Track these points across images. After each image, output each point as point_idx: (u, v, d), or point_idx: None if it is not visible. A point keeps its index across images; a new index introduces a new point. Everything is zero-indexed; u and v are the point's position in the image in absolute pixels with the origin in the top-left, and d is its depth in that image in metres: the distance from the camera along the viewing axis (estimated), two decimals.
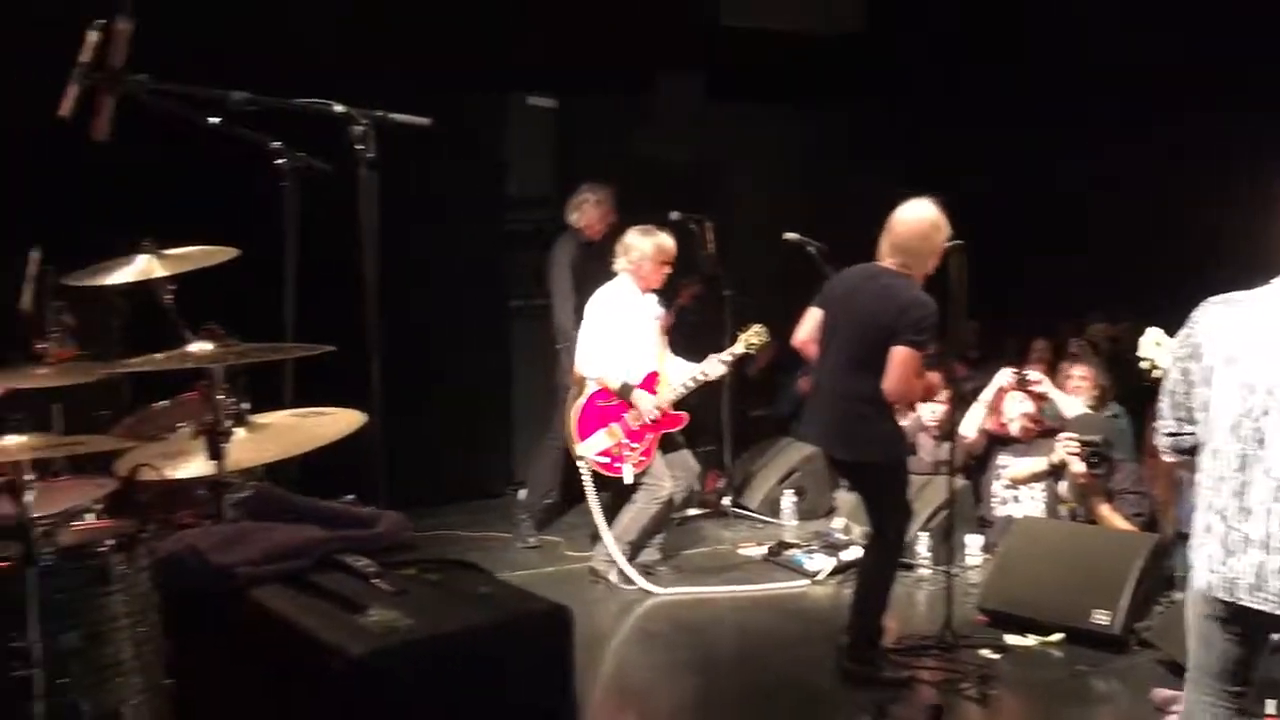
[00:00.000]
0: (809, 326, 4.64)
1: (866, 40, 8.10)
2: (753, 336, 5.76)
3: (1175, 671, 4.45)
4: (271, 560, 2.08)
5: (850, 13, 8.05)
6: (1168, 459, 3.09)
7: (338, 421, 3.25)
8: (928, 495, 5.76)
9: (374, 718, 1.81)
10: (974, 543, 5.81)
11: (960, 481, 6.01)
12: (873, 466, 4.48)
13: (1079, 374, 6.13)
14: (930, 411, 6.26)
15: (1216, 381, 2.83)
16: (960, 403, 5.68)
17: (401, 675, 1.80)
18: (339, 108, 3.19)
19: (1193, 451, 2.95)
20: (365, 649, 1.78)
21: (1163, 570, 4.96)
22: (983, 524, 6.00)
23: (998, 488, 6.00)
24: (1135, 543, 5.02)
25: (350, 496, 2.83)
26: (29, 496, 2.72)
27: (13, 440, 2.72)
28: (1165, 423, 2.99)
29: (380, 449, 3.15)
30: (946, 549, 5.41)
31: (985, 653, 4.72)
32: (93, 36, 3.09)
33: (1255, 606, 2.73)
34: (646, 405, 5.54)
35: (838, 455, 4.66)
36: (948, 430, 5.39)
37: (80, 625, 2.82)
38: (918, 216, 4.38)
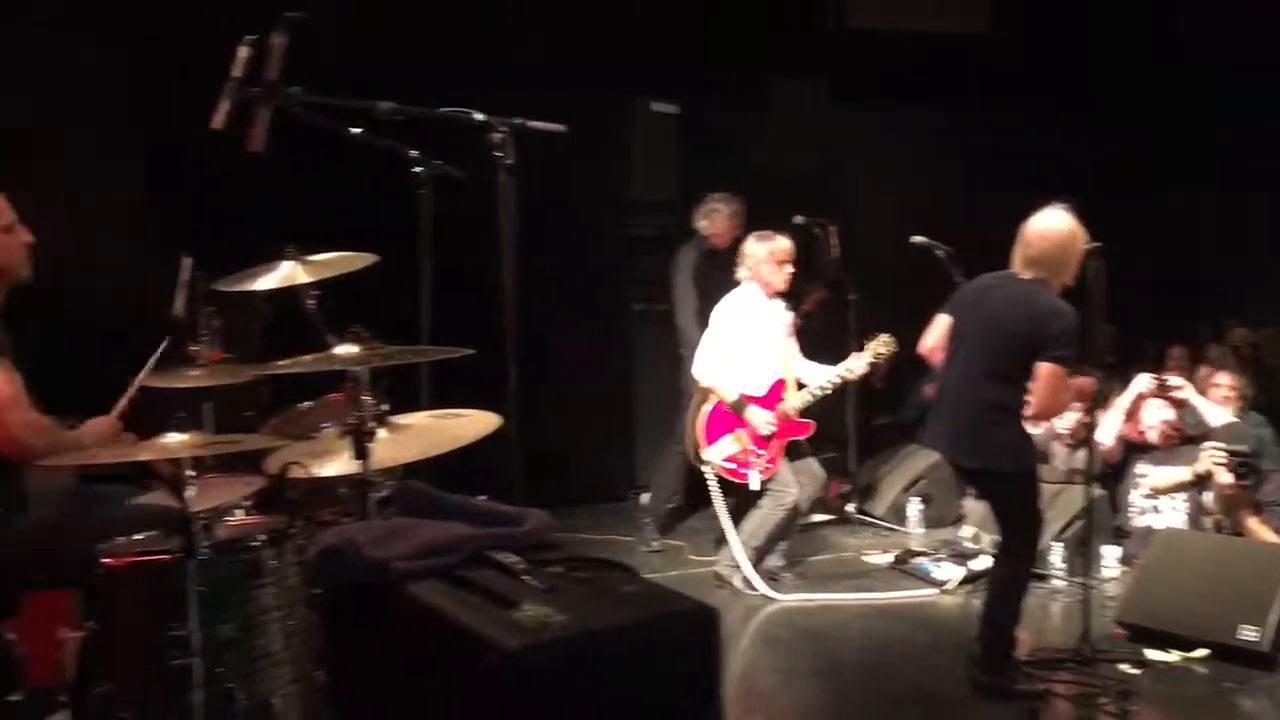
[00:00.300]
0: (936, 334, 4.56)
1: (993, 40, 7.95)
2: (880, 346, 5.68)
3: None
4: (424, 555, 2.14)
5: (976, 12, 7.90)
6: None
7: (475, 423, 3.32)
8: (1062, 504, 5.61)
9: (527, 711, 1.84)
10: (1110, 554, 5.63)
11: (1096, 491, 5.85)
12: (1001, 475, 4.37)
13: (1226, 382, 5.91)
14: (1064, 418, 6.10)
15: None
16: (1096, 409, 5.52)
17: (555, 670, 1.83)
18: (479, 116, 3.27)
19: None
20: (520, 643, 1.82)
21: None
22: (1119, 535, 5.82)
23: (1136, 497, 5.82)
24: None
25: (483, 497, 2.89)
26: (190, 492, 2.85)
27: (176, 438, 2.85)
28: None
29: (518, 451, 3.21)
30: (1082, 560, 5.26)
31: (1125, 668, 4.56)
32: (243, 52, 3.22)
33: None
34: (760, 420, 5.52)
35: (963, 463, 4.56)
36: (1083, 437, 5.25)
37: (234, 617, 2.93)
38: (1053, 227, 4.24)
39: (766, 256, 5.58)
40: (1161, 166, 8.09)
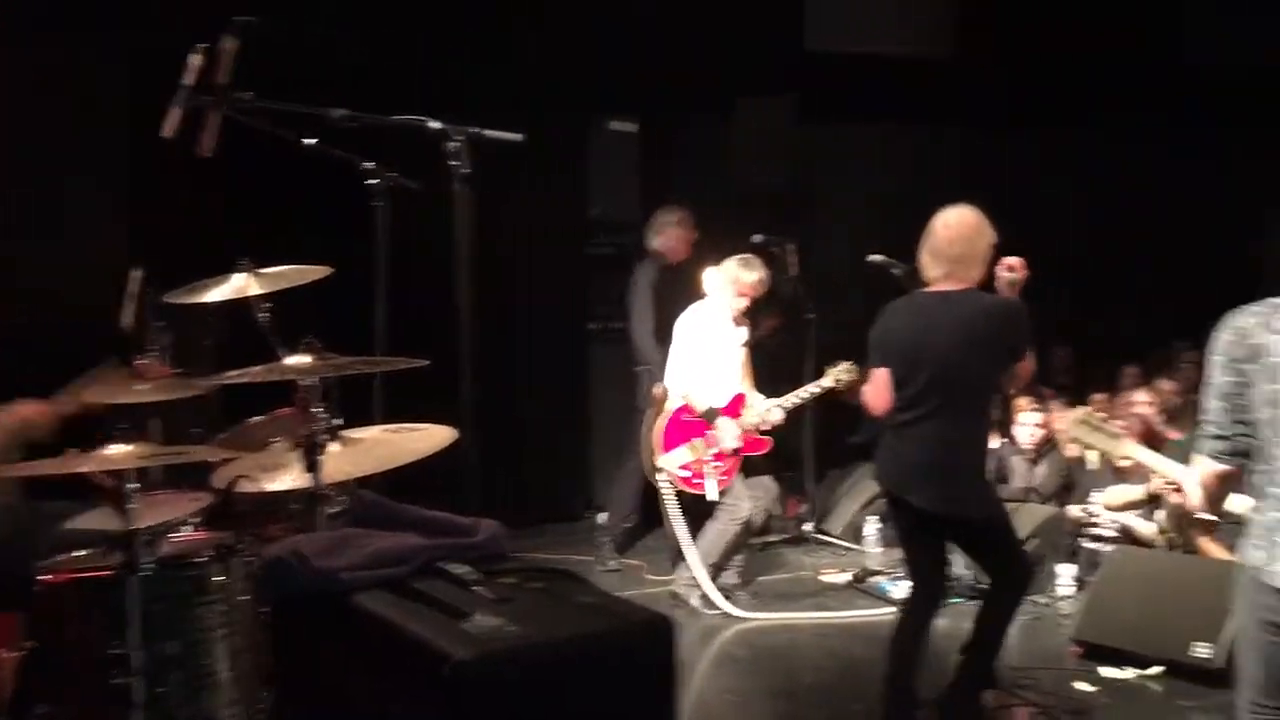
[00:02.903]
0: (884, 390, 4.14)
1: (956, 61, 8.00)
2: (841, 373, 5.68)
3: None
4: (373, 566, 2.09)
5: (938, 34, 7.95)
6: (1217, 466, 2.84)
7: (429, 437, 3.26)
8: (1018, 522, 5.61)
9: None
10: (1065, 572, 5.65)
11: (1052, 509, 5.88)
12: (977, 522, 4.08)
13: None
14: (1027, 434, 6.12)
15: None
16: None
17: (508, 680, 1.79)
18: (434, 124, 3.23)
19: (1243, 456, 2.78)
20: (471, 654, 1.77)
21: None
22: (1075, 554, 5.84)
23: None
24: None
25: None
26: (133, 506, 2.76)
27: (119, 449, 2.76)
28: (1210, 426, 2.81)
29: (474, 464, 3.16)
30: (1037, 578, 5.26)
31: (1082, 686, 4.58)
32: (195, 60, 3.17)
33: None
34: (728, 434, 5.50)
35: (940, 510, 4.05)
36: (1044, 453, 5.24)
37: (178, 635, 2.84)
38: (960, 220, 4.18)
39: (731, 281, 5.56)
40: (1122, 185, 8.19)
